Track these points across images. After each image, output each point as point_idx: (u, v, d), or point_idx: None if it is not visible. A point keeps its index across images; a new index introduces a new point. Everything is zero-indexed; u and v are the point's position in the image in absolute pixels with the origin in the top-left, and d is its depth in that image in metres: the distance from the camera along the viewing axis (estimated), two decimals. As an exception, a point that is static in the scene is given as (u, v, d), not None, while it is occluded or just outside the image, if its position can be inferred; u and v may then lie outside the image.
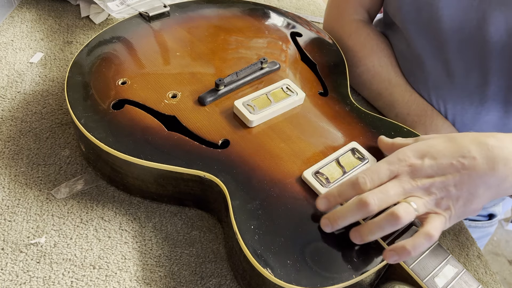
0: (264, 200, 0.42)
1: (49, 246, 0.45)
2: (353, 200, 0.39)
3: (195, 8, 0.64)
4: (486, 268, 0.50)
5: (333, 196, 0.41)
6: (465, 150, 0.39)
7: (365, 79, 0.63)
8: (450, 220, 0.39)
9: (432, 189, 0.38)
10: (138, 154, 0.44)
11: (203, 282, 0.44)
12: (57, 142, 0.53)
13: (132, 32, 0.58)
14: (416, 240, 0.37)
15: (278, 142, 0.47)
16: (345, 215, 0.39)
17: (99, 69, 0.52)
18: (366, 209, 0.37)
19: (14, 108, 0.56)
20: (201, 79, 0.53)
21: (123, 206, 0.49)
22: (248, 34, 0.60)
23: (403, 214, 0.36)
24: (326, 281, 0.37)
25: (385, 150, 0.47)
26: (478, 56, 0.53)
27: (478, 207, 0.40)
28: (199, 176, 0.44)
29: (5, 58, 0.62)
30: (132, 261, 0.45)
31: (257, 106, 0.49)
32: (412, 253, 0.37)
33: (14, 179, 0.49)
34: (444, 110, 0.59)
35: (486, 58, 0.53)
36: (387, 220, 0.37)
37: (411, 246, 0.37)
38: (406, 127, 0.51)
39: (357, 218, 0.39)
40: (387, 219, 0.37)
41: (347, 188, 0.40)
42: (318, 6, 0.84)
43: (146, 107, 0.49)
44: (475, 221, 0.70)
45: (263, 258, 0.38)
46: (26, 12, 0.70)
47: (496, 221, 0.72)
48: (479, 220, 0.71)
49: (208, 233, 0.48)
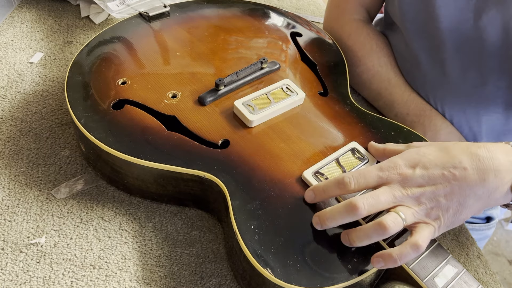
0: (264, 200, 0.42)
1: (49, 246, 0.45)
2: (343, 203, 0.39)
3: (195, 8, 0.64)
4: (486, 268, 0.50)
5: (318, 191, 0.42)
6: (457, 161, 0.39)
7: (365, 79, 0.63)
8: (439, 229, 0.39)
9: (422, 199, 0.38)
10: (138, 154, 0.44)
11: (203, 282, 0.44)
12: (57, 142, 0.53)
13: (132, 32, 0.58)
14: (403, 249, 0.37)
15: (278, 142, 0.47)
16: (334, 216, 0.39)
17: (99, 69, 0.52)
18: (355, 212, 0.38)
19: (14, 108, 0.56)
20: (201, 79, 0.53)
21: (123, 206, 0.49)
22: (248, 34, 0.60)
23: (391, 225, 0.37)
24: (326, 281, 0.37)
25: (377, 156, 0.47)
26: (475, 56, 0.53)
27: (467, 217, 0.40)
28: (199, 176, 0.44)
29: (5, 58, 0.62)
30: (132, 261, 0.45)
31: (257, 106, 0.49)
32: (398, 262, 0.37)
33: (14, 179, 0.49)
34: (442, 111, 0.59)
35: (483, 57, 0.53)
36: (374, 229, 0.38)
37: (397, 255, 0.37)
38: (406, 127, 0.51)
39: (346, 221, 0.39)
40: (374, 229, 0.38)
41: (332, 186, 0.41)
42: (318, 6, 0.84)
43: (146, 107, 0.49)
44: (472, 223, 0.70)
45: (263, 258, 0.38)
46: (26, 12, 0.70)
47: (494, 224, 0.72)
48: (476, 223, 0.71)
49: (208, 233, 0.48)
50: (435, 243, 0.41)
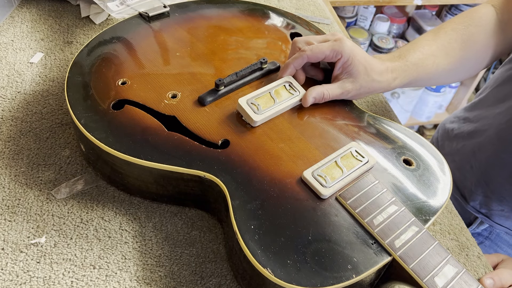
0: (264, 200, 0.42)
1: (49, 246, 0.45)
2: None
3: (195, 8, 0.64)
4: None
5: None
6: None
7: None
8: None
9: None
10: (138, 154, 0.44)
11: (203, 282, 0.44)
12: (57, 142, 0.53)
13: (132, 32, 0.58)
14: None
15: (278, 142, 0.47)
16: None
17: (99, 69, 0.52)
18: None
19: (14, 108, 0.56)
20: (201, 79, 0.53)
21: (123, 206, 0.49)
22: (248, 34, 0.60)
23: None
24: (326, 281, 0.37)
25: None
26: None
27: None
28: (199, 176, 0.44)
29: (5, 58, 0.62)
30: (132, 261, 0.45)
31: (260, 105, 0.49)
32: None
33: (14, 179, 0.49)
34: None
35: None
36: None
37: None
38: (406, 127, 0.51)
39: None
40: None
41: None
42: (318, 6, 0.84)
43: (146, 107, 0.49)
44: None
45: (263, 258, 0.38)
46: (26, 12, 0.70)
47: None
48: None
49: (208, 233, 0.48)
50: (435, 243, 0.41)
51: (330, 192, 0.43)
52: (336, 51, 0.50)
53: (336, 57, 0.50)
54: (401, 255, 0.39)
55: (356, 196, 0.43)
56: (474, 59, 0.61)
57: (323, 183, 0.43)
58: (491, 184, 0.65)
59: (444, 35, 0.59)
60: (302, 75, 0.53)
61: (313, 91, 0.50)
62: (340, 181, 0.44)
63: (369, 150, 0.48)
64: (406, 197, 0.44)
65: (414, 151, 0.49)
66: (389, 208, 0.42)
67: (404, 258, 0.39)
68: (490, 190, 0.65)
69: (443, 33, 0.59)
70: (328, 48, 0.50)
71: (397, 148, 0.49)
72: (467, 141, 0.70)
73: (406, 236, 0.40)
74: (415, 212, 0.43)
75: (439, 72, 0.58)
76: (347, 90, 0.52)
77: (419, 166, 0.48)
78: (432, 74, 0.57)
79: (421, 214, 0.43)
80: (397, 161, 0.48)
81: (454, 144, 0.72)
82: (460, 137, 0.72)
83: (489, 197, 0.66)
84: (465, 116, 0.73)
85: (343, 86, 0.51)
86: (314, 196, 0.43)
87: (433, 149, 0.50)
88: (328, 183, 0.43)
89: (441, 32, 0.60)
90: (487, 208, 0.67)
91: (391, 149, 0.49)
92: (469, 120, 0.71)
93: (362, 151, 0.47)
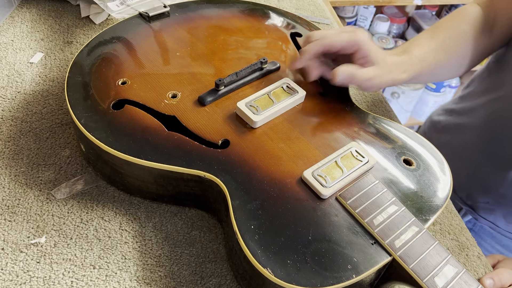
0: (264, 200, 0.42)
1: (49, 246, 0.45)
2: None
3: (195, 8, 0.64)
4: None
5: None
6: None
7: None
8: None
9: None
10: (138, 154, 0.44)
11: (203, 282, 0.44)
12: (57, 142, 0.53)
13: (132, 32, 0.58)
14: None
15: (278, 142, 0.47)
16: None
17: (99, 69, 0.52)
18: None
19: (14, 108, 0.56)
20: (201, 79, 0.53)
21: (123, 206, 0.49)
22: (248, 34, 0.60)
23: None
24: (326, 281, 0.37)
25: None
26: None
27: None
28: (199, 176, 0.44)
29: (5, 58, 0.62)
30: (132, 261, 0.45)
31: (260, 106, 0.49)
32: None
33: (14, 179, 0.49)
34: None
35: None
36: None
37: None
38: (406, 128, 0.51)
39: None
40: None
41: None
42: (318, 6, 0.84)
43: (146, 107, 0.49)
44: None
45: (263, 258, 0.38)
46: (26, 12, 0.70)
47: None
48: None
49: (208, 233, 0.48)
50: (435, 243, 0.41)
51: (330, 192, 0.43)
52: (354, 41, 0.50)
53: (352, 48, 0.50)
54: (401, 255, 0.39)
55: (356, 196, 0.43)
56: (469, 55, 0.63)
57: (323, 183, 0.43)
58: (478, 176, 0.66)
59: (441, 32, 0.60)
60: (315, 69, 0.52)
61: (348, 68, 0.49)
62: (340, 181, 0.44)
63: (369, 150, 0.48)
64: (406, 197, 0.44)
65: (414, 151, 0.49)
66: (389, 208, 0.42)
67: (404, 258, 0.39)
68: (476, 182, 0.66)
69: (439, 31, 0.61)
70: (345, 37, 0.50)
71: (397, 148, 0.49)
72: (454, 133, 0.71)
73: (406, 236, 0.40)
74: (415, 212, 0.43)
75: (439, 67, 0.59)
76: (376, 74, 0.51)
77: (419, 166, 0.48)
78: (433, 69, 0.58)
79: (421, 214, 0.43)
80: (397, 161, 0.48)
81: (442, 136, 0.73)
82: (447, 129, 0.73)
83: (475, 189, 0.67)
84: (451, 108, 0.75)
85: (369, 71, 0.51)
86: (314, 196, 0.43)
87: (434, 149, 0.50)
88: (328, 183, 0.43)
89: (438, 30, 0.61)
90: (472, 201, 0.68)
91: (391, 149, 0.49)
92: (456, 113, 0.73)
93: (362, 151, 0.47)
